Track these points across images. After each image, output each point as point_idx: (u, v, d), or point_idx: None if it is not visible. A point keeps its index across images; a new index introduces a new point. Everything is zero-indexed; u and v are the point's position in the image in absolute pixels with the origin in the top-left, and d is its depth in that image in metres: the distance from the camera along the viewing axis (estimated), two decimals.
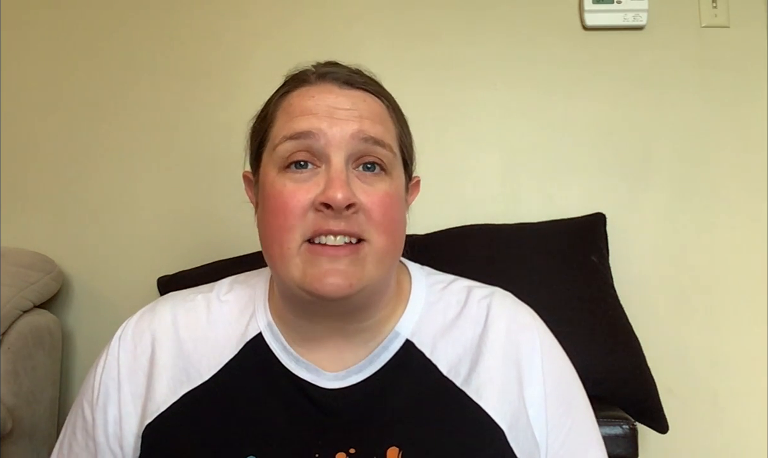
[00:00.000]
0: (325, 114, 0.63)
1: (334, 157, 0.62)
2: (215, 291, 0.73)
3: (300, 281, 0.61)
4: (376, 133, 0.63)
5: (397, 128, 0.68)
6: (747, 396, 1.39)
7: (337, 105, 0.64)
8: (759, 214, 1.43)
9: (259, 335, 0.69)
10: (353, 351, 0.67)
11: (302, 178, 0.62)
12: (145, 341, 0.69)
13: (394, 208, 0.64)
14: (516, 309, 0.71)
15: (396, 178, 0.66)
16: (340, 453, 0.62)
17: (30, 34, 1.54)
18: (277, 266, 0.63)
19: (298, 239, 0.61)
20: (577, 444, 0.68)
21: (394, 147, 0.66)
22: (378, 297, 0.67)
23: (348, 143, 0.62)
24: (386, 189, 0.64)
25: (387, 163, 0.64)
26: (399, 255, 0.68)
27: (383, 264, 0.63)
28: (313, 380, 0.66)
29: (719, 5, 1.47)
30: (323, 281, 0.60)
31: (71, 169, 1.50)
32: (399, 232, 0.66)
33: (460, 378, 0.66)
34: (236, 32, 1.51)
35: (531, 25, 1.49)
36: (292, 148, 0.63)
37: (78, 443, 0.70)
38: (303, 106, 0.64)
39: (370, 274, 0.62)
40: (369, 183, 0.63)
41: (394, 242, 0.64)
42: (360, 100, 0.65)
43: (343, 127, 0.62)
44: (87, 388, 0.71)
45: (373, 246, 0.62)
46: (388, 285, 0.69)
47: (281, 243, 0.61)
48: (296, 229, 0.61)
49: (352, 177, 0.62)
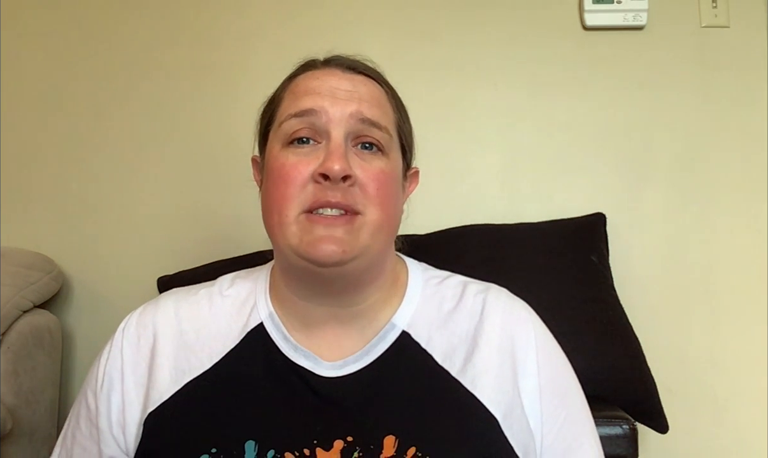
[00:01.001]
0: (327, 93, 0.67)
1: (333, 133, 0.65)
2: (217, 285, 0.75)
3: (296, 247, 0.64)
4: (372, 115, 0.67)
5: (396, 114, 0.72)
6: (747, 396, 1.39)
7: (339, 86, 0.67)
8: (759, 213, 1.43)
9: (261, 325, 0.70)
10: (351, 341, 0.69)
11: (303, 153, 0.66)
12: (148, 332, 0.71)
13: (389, 185, 0.67)
14: (511, 304, 0.73)
15: (393, 159, 0.69)
16: (338, 440, 0.63)
17: (30, 34, 1.54)
18: (276, 234, 0.66)
19: (296, 209, 0.64)
20: (572, 435, 0.69)
21: (391, 130, 0.69)
22: (371, 276, 0.69)
23: (347, 122, 0.66)
24: (382, 167, 0.67)
25: (384, 145, 0.68)
26: (393, 233, 0.70)
27: (376, 237, 0.66)
28: (311, 368, 0.67)
29: (719, 5, 1.47)
30: (318, 246, 0.62)
31: (71, 169, 1.50)
32: (393, 208, 0.68)
33: (456, 369, 0.67)
34: (236, 32, 1.51)
35: (531, 25, 1.49)
36: (296, 125, 0.66)
37: (81, 432, 0.71)
38: (308, 86, 0.68)
39: (364, 243, 0.64)
40: (366, 160, 0.66)
41: (388, 217, 0.67)
42: (361, 84, 0.69)
43: (343, 106, 0.66)
44: (91, 378, 0.72)
45: (367, 218, 0.65)
46: (383, 268, 0.70)
47: (280, 212, 0.64)
48: (296, 198, 0.64)
49: (351, 153, 0.66)
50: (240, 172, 0.75)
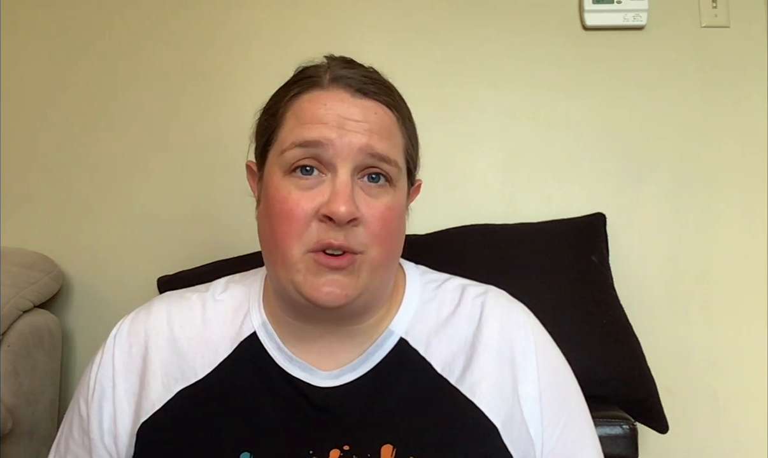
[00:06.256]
0: (335, 124, 0.63)
1: (340, 169, 0.63)
2: (210, 290, 0.74)
3: (300, 286, 0.63)
4: (382, 149, 0.64)
5: (405, 139, 0.69)
6: (747, 396, 1.39)
7: (348, 115, 0.64)
8: (759, 213, 1.43)
9: (254, 334, 0.69)
10: (347, 351, 0.68)
11: (307, 185, 0.63)
12: (140, 339, 0.70)
13: (394, 221, 0.66)
14: (510, 307, 0.72)
15: (399, 188, 0.68)
16: (335, 450, 0.62)
17: (30, 34, 1.53)
18: (279, 270, 0.64)
19: (300, 248, 0.62)
20: (573, 440, 0.69)
21: (400, 162, 0.67)
22: (373, 303, 0.68)
23: (355, 156, 0.63)
24: (388, 202, 0.65)
25: (392, 177, 0.66)
26: (394, 264, 0.69)
27: (377, 274, 0.65)
28: (307, 379, 0.66)
29: (719, 5, 1.47)
30: (321, 290, 0.62)
31: (71, 169, 1.50)
32: (396, 244, 0.67)
33: (455, 376, 0.66)
34: (235, 33, 1.51)
35: (531, 25, 1.48)
36: (300, 155, 0.63)
37: (74, 440, 0.70)
38: (314, 113, 0.64)
39: (364, 282, 0.63)
40: (372, 195, 0.64)
41: (390, 254, 0.66)
42: (371, 112, 0.65)
43: (352, 138, 0.63)
44: (83, 385, 0.71)
45: (368, 257, 0.64)
46: (384, 293, 0.69)
47: (284, 250, 0.63)
48: (299, 237, 0.62)
49: (357, 188, 0.64)
50: (240, 172, 0.75)
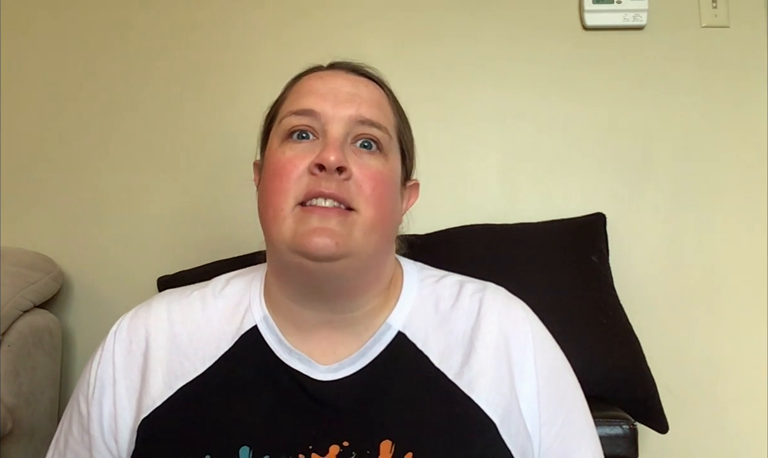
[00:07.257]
0: (330, 95, 0.67)
1: (332, 130, 0.66)
2: (210, 287, 0.74)
3: (290, 240, 0.62)
4: (372, 115, 0.67)
5: (396, 118, 0.72)
6: (747, 396, 1.39)
7: (342, 88, 0.68)
8: (759, 214, 1.43)
9: (255, 327, 0.69)
10: (346, 344, 0.68)
11: (301, 148, 0.66)
12: (140, 336, 0.70)
13: (385, 185, 0.67)
14: (508, 304, 0.72)
15: (391, 161, 0.69)
16: (334, 445, 0.62)
17: (30, 34, 1.54)
18: (271, 228, 0.65)
19: (291, 202, 0.63)
20: (571, 437, 0.69)
21: (391, 131, 0.70)
22: (366, 282, 0.67)
23: (346, 123, 0.66)
24: (379, 167, 0.66)
25: (383, 144, 0.68)
26: (388, 235, 0.68)
27: (370, 237, 0.64)
28: (306, 371, 0.66)
29: (719, 5, 1.47)
30: (311, 238, 0.61)
31: (71, 169, 1.50)
32: (389, 209, 0.67)
33: (452, 371, 0.66)
34: (238, 34, 1.51)
35: (531, 25, 1.49)
36: (296, 122, 0.67)
37: (74, 437, 0.70)
38: (311, 86, 0.69)
39: (357, 242, 0.63)
40: (364, 158, 0.66)
41: (383, 217, 0.66)
42: (363, 86, 0.70)
43: (344, 108, 0.66)
44: (83, 383, 0.71)
45: (362, 216, 0.64)
46: (379, 275, 0.69)
47: (275, 206, 0.64)
48: (290, 191, 0.64)
49: (349, 150, 0.66)
50: (240, 172, 0.75)
